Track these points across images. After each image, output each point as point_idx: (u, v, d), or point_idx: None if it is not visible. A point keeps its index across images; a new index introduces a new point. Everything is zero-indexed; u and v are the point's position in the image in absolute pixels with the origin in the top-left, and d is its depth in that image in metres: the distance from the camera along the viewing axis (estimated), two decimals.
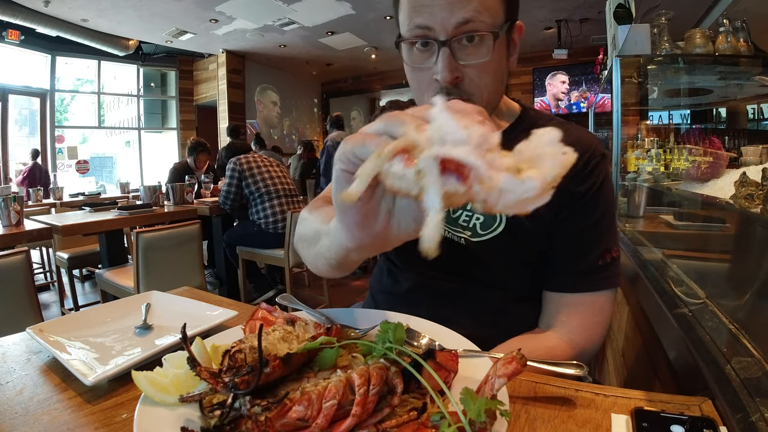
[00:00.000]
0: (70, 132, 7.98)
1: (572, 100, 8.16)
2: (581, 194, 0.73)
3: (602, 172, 0.75)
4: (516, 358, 0.40)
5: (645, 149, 2.20)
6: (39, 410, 0.49)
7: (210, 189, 4.01)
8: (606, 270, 0.73)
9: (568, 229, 0.74)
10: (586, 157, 0.75)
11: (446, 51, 0.65)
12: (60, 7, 5.90)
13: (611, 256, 0.73)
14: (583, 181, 0.73)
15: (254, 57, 8.44)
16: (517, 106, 0.84)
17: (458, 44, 0.65)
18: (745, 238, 1.05)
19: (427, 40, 0.66)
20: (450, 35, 0.64)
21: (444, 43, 0.64)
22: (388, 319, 0.51)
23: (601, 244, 0.74)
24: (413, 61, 0.70)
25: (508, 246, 0.75)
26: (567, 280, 0.75)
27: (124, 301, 0.81)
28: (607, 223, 0.75)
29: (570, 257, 0.75)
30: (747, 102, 2.61)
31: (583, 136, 0.78)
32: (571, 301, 0.74)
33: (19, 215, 2.37)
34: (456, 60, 0.65)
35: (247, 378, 0.39)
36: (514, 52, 0.75)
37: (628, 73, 2.07)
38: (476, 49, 0.66)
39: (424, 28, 0.65)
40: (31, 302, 1.69)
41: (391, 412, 0.40)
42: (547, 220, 0.73)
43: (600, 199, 0.74)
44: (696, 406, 0.47)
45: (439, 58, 0.65)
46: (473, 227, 0.76)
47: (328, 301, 3.08)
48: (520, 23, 0.73)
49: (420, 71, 0.70)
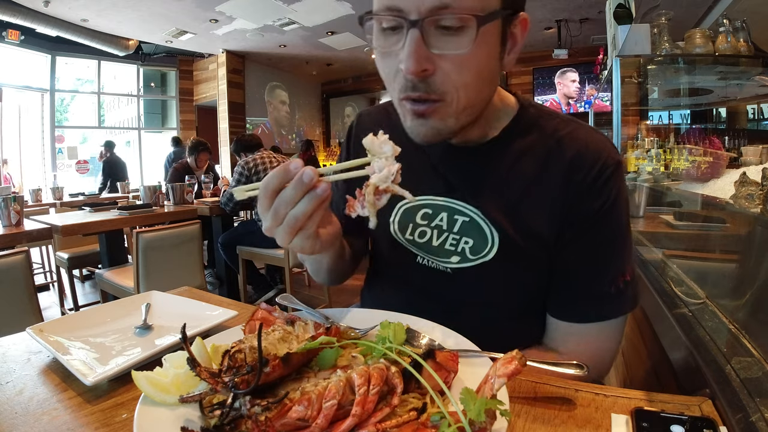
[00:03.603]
0: (70, 132, 7.98)
1: (586, 98, 7.81)
2: (591, 213, 0.63)
3: (616, 184, 0.63)
4: (516, 358, 0.40)
5: (645, 149, 2.20)
6: (39, 410, 0.49)
7: (210, 189, 4.01)
8: (620, 296, 0.64)
9: (575, 252, 0.65)
10: (597, 168, 0.63)
11: (415, 34, 0.52)
12: (60, 7, 5.90)
13: (624, 279, 0.64)
14: (593, 198, 0.63)
15: (254, 57, 8.44)
16: (515, 103, 0.72)
17: (433, 28, 0.53)
18: (745, 238, 1.05)
19: (397, 21, 0.54)
20: (423, 16, 0.52)
21: (414, 24, 0.52)
22: (388, 319, 0.51)
23: (614, 267, 0.64)
24: (380, 45, 0.58)
25: (501, 271, 0.67)
26: (574, 309, 0.66)
27: (124, 301, 0.81)
28: (620, 243, 0.65)
29: (577, 284, 0.66)
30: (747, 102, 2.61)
31: (593, 140, 0.66)
32: (580, 330, 0.66)
33: (19, 215, 2.37)
34: (427, 47, 0.53)
35: (247, 378, 0.39)
36: (513, 50, 0.61)
37: (628, 73, 2.07)
38: (455, 38, 0.53)
39: (394, 9, 0.54)
40: (31, 302, 1.69)
41: (391, 412, 0.40)
42: (549, 241, 0.65)
43: (613, 216, 0.63)
44: (696, 406, 0.47)
45: (406, 42, 0.53)
46: (462, 251, 0.69)
47: (328, 301, 3.08)
48: (524, 16, 0.60)
49: (388, 57, 0.58)
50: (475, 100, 0.60)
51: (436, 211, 0.72)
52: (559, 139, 0.66)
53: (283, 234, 0.51)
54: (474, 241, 0.68)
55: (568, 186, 0.64)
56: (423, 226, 0.73)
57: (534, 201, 0.66)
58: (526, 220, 0.66)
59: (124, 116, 9.12)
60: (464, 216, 0.69)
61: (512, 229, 0.66)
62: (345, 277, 0.88)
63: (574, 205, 0.63)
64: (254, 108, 8.79)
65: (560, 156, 0.65)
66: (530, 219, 0.65)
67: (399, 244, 0.75)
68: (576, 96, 7.96)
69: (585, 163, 0.64)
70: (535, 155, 0.67)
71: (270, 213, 0.50)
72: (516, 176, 0.67)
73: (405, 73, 0.54)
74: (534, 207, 0.65)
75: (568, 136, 0.66)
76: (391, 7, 0.54)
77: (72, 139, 7.91)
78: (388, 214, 0.76)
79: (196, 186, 3.72)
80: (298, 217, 0.49)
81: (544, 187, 0.65)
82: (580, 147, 0.65)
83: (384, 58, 0.59)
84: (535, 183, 0.66)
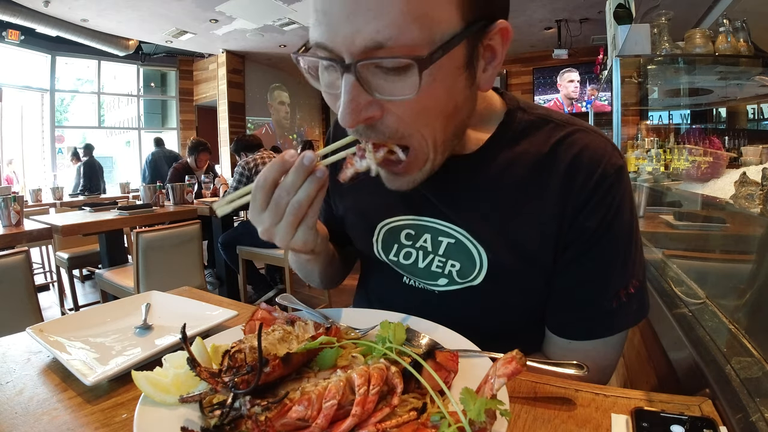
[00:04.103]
0: (70, 132, 7.98)
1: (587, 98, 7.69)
2: (590, 230, 0.57)
3: (618, 193, 0.57)
4: (516, 358, 0.40)
5: (645, 149, 2.20)
6: (39, 410, 0.49)
7: (210, 189, 4.01)
8: (622, 310, 0.59)
9: (573, 273, 0.60)
10: (595, 177, 0.56)
11: (350, 80, 0.45)
12: (60, 7, 5.90)
13: (627, 293, 0.58)
14: (592, 212, 0.57)
15: (254, 57, 8.44)
16: (501, 106, 0.65)
17: (372, 67, 0.45)
18: (745, 238, 1.05)
19: (331, 63, 0.47)
20: (357, 57, 0.44)
21: (347, 68, 0.44)
22: (388, 319, 0.51)
23: (616, 283, 0.58)
24: (324, 83, 0.51)
25: (492, 295, 0.63)
26: (572, 328, 0.62)
27: (124, 301, 0.81)
28: (625, 256, 0.59)
29: (575, 304, 0.61)
30: (747, 102, 2.61)
31: (590, 145, 0.59)
32: (580, 347, 0.61)
33: (19, 215, 2.37)
34: (368, 92, 0.46)
35: (247, 378, 0.39)
36: (493, 64, 0.52)
37: (628, 73, 2.07)
38: (399, 80, 0.45)
39: (325, 49, 0.46)
40: (31, 302, 1.69)
41: (391, 412, 0.40)
42: (545, 262, 0.60)
43: (616, 229, 0.57)
44: (696, 406, 0.47)
45: (342, 93, 0.46)
46: (449, 274, 0.64)
47: (328, 301, 3.09)
48: (504, 24, 0.50)
49: (335, 98, 0.50)
50: (448, 135, 0.54)
51: (419, 232, 0.66)
52: (552, 147, 0.60)
53: (285, 228, 0.50)
54: (461, 264, 0.63)
55: (563, 201, 0.58)
56: (408, 246, 0.67)
57: (526, 219, 0.60)
58: (517, 240, 0.60)
59: (124, 116, 9.13)
60: (449, 237, 0.63)
61: (503, 251, 0.60)
62: (338, 280, 0.87)
63: (572, 222, 0.58)
64: (255, 108, 8.79)
65: (554, 166, 0.59)
66: (522, 239, 0.60)
67: (385, 265, 0.71)
68: (577, 96, 7.93)
69: (581, 173, 0.57)
70: (526, 167, 0.60)
71: (270, 207, 0.50)
72: (505, 192, 0.61)
73: (342, 123, 0.48)
74: (526, 226, 0.60)
75: (562, 143, 0.60)
76: (321, 45, 0.46)
77: (72, 139, 7.91)
78: (370, 233, 0.72)
79: (196, 186, 3.72)
80: (302, 203, 0.49)
81: (537, 203, 0.59)
82: (575, 154, 0.58)
83: (330, 98, 0.52)
84: (526, 199, 0.60)
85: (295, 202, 0.49)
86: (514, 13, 6.29)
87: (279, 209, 0.50)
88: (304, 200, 0.49)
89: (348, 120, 0.47)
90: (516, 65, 8.34)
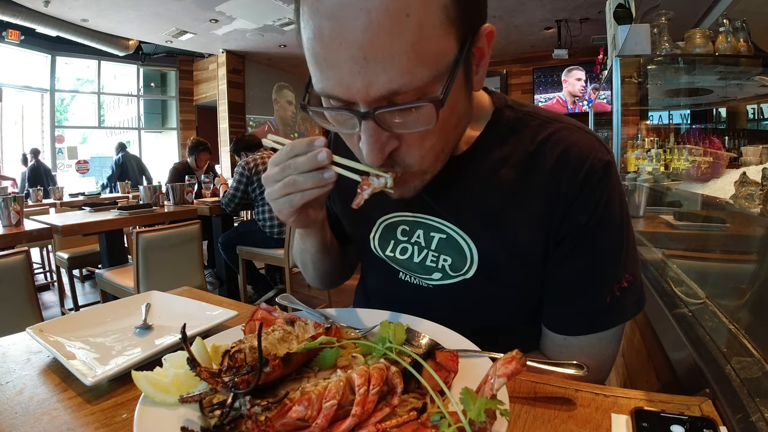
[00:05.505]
0: (70, 132, 7.98)
1: (588, 97, 7.64)
2: (580, 225, 0.58)
3: (606, 188, 0.58)
4: (516, 358, 0.40)
5: (645, 149, 2.20)
6: (39, 410, 0.49)
7: (210, 189, 4.01)
8: (616, 305, 0.59)
9: (565, 269, 0.61)
10: (582, 173, 0.58)
11: (370, 125, 0.47)
12: (60, 7, 5.90)
13: (621, 287, 0.59)
14: (581, 208, 0.58)
15: (254, 57, 8.44)
16: (489, 104, 0.66)
17: (387, 112, 0.47)
18: (745, 238, 1.05)
19: (346, 112, 0.48)
20: (373, 106, 0.46)
21: (365, 116, 0.46)
22: (388, 319, 0.51)
23: (609, 277, 0.59)
24: (335, 122, 0.53)
25: (485, 289, 0.64)
26: (567, 324, 0.63)
27: (124, 301, 0.81)
28: (616, 250, 0.59)
29: (568, 299, 0.62)
30: (747, 102, 2.62)
31: (577, 142, 0.60)
32: (575, 342, 0.62)
33: (19, 215, 2.37)
34: (387, 130, 0.48)
35: (247, 378, 0.39)
36: (481, 64, 0.54)
37: (628, 73, 2.07)
38: (414, 115, 0.47)
39: (339, 101, 0.48)
40: (31, 302, 1.69)
41: (391, 412, 0.40)
42: (536, 259, 0.61)
43: (606, 224, 0.58)
44: (696, 406, 0.47)
45: (362, 134, 0.48)
46: (442, 268, 0.66)
47: (328, 301, 3.09)
48: (489, 28, 0.51)
49: (348, 137, 0.55)
50: (450, 144, 0.57)
51: (412, 228, 0.69)
52: (539, 145, 0.61)
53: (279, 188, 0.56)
54: (452, 258, 0.64)
55: (552, 197, 0.59)
56: (404, 242, 0.70)
57: (515, 216, 0.61)
58: (508, 237, 0.61)
59: (124, 116, 9.13)
60: (440, 233, 0.66)
61: (493, 247, 0.62)
62: (336, 279, 0.87)
63: (561, 219, 0.59)
64: (255, 107, 8.78)
65: (541, 164, 0.60)
66: (513, 236, 0.61)
67: (381, 260, 0.73)
68: (581, 95, 7.93)
69: (568, 170, 0.58)
70: (514, 165, 0.61)
71: (279, 167, 0.56)
72: (494, 189, 0.62)
73: (370, 163, 0.51)
74: (515, 222, 0.61)
75: (548, 140, 0.61)
76: (332, 95, 0.47)
77: (72, 139, 7.92)
78: (369, 229, 0.74)
79: (196, 186, 3.72)
80: (297, 182, 0.54)
81: (526, 200, 0.60)
82: (562, 151, 0.59)
83: (342, 132, 0.55)
84: (515, 196, 0.61)
85: (291, 179, 0.54)
86: (514, 13, 6.31)
87: (283, 172, 0.55)
88: (300, 183, 0.54)
89: (376, 159, 0.50)
90: (516, 65, 8.34)
